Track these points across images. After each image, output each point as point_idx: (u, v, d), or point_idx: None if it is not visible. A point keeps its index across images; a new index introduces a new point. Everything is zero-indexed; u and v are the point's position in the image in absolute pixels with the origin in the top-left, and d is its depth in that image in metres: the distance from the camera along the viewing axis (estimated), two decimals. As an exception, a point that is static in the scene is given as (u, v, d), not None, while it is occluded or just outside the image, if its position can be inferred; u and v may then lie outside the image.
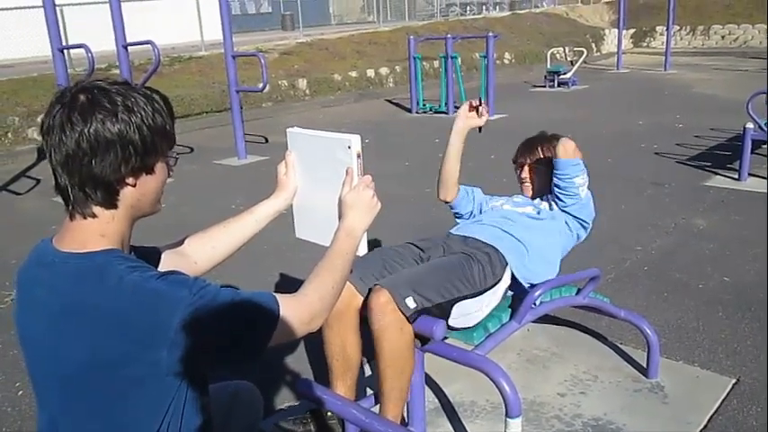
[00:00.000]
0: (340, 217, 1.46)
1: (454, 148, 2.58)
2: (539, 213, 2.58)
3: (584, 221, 2.58)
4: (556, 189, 2.52)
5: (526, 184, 2.73)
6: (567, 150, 2.47)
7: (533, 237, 2.44)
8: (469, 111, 2.52)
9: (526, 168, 2.72)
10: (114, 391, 1.17)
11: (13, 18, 12.04)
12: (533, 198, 2.72)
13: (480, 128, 2.55)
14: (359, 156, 1.47)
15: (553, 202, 2.60)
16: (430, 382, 2.62)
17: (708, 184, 5.62)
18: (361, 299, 2.13)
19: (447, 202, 2.73)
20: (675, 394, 2.56)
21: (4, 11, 11.99)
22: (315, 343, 2.20)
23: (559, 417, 2.45)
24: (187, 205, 5.41)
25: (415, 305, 1.97)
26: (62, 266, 1.19)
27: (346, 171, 1.48)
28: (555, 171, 2.50)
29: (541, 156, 2.67)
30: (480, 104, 2.49)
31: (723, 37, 20.86)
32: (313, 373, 2.79)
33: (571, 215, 2.55)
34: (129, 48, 6.26)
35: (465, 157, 2.62)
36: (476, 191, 2.77)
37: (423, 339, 2.05)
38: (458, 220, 2.74)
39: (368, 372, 2.75)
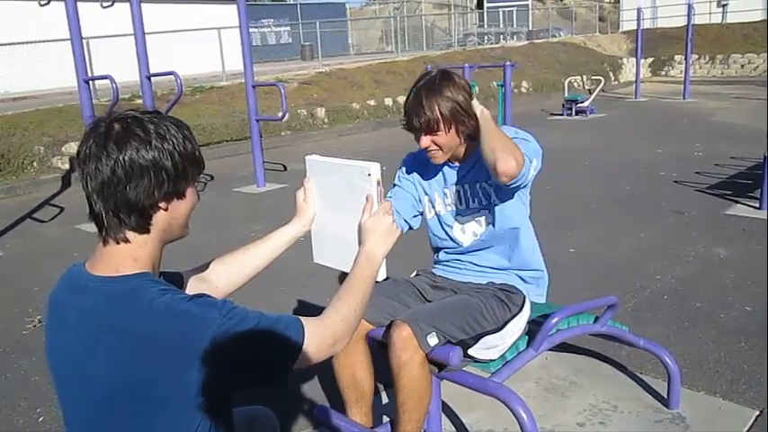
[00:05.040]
0: (359, 243, 1.49)
1: None
2: (493, 214, 2.19)
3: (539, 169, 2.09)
4: (507, 189, 2.06)
5: (433, 153, 2.11)
6: (510, 173, 1.88)
7: (516, 256, 2.27)
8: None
9: (425, 138, 2.08)
10: (143, 413, 1.19)
11: (39, 51, 12.37)
12: (461, 168, 2.23)
13: None
14: (379, 183, 1.50)
15: (494, 190, 2.17)
16: (447, 409, 2.60)
17: (728, 213, 5.56)
18: (368, 326, 2.13)
19: None
20: (697, 425, 2.51)
21: (32, 44, 12.33)
22: (332, 369, 2.21)
23: (578, 447, 2.42)
24: (206, 232, 5.47)
25: (436, 342, 1.98)
26: (95, 290, 1.22)
27: (366, 198, 1.50)
28: (504, 185, 1.98)
29: (437, 115, 2.02)
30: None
31: (743, 66, 20.85)
32: (329, 401, 2.79)
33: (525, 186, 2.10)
34: (152, 78, 6.40)
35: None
36: (398, 208, 2.27)
37: (439, 366, 2.05)
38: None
39: (384, 399, 2.74)
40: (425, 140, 2.08)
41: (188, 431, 1.21)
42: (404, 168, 2.39)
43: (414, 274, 2.46)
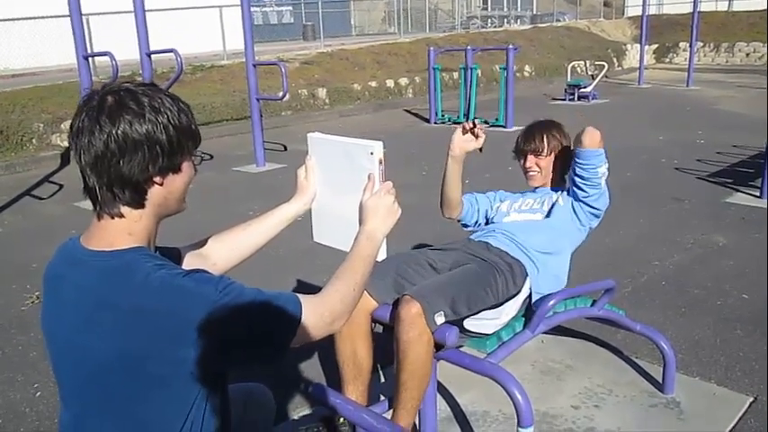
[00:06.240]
0: (360, 222, 1.47)
1: (452, 173, 2.49)
2: (548, 217, 2.51)
3: (599, 210, 2.53)
4: (578, 180, 2.45)
5: (532, 173, 2.64)
6: (593, 140, 2.39)
7: (545, 256, 2.41)
8: (463, 134, 2.41)
9: (531, 158, 2.62)
10: (139, 389, 1.18)
11: (40, 27, 12.27)
12: (541, 189, 2.65)
13: (480, 148, 2.43)
14: (381, 162, 1.49)
15: (563, 197, 2.54)
16: (443, 390, 2.62)
17: (729, 201, 5.56)
18: (372, 304, 2.14)
19: (452, 218, 2.69)
20: (691, 411, 2.53)
21: (31, 20, 12.23)
22: (328, 348, 2.22)
23: (573, 430, 2.43)
24: (205, 211, 5.46)
25: (443, 320, 1.99)
26: (90, 264, 1.21)
27: (368, 177, 1.49)
28: (578, 161, 2.42)
29: (545, 144, 2.59)
30: (475, 126, 2.38)
31: (748, 54, 20.66)
32: (326, 379, 2.80)
33: (588, 205, 2.49)
34: (152, 56, 6.35)
35: (481, 169, 2.62)
36: (479, 199, 2.72)
37: (436, 346, 2.05)
38: (465, 229, 2.73)
39: (381, 378, 2.75)
40: (530, 161, 2.61)
41: (183, 407, 1.21)
42: (500, 190, 2.82)
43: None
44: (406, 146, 8.65)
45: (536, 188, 2.67)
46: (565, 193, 2.56)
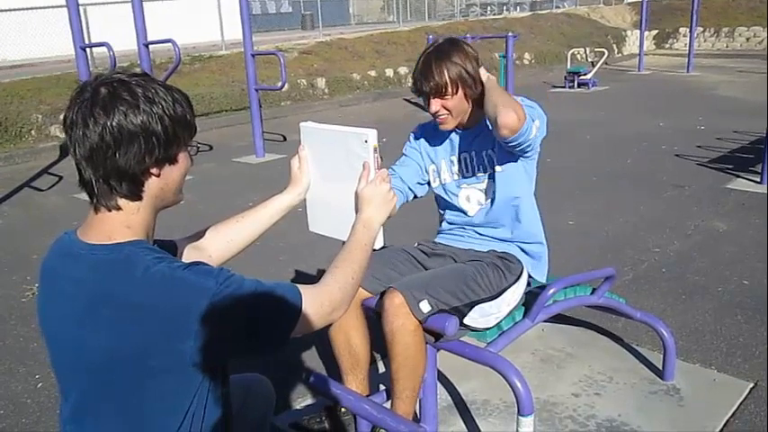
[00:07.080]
0: (356, 210, 1.47)
1: None
2: (498, 192, 2.22)
3: (542, 136, 2.13)
4: (513, 150, 2.08)
5: (442, 117, 2.15)
6: (511, 125, 1.90)
7: (517, 227, 2.28)
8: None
9: (436, 101, 2.11)
10: (139, 382, 1.17)
11: (37, 18, 12.21)
12: (463, 129, 2.25)
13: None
14: (375, 150, 1.47)
15: (500, 156, 2.19)
16: (443, 379, 2.62)
17: (729, 187, 5.55)
18: (364, 294, 2.14)
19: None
20: (692, 397, 2.53)
21: (29, 10, 12.17)
22: (328, 339, 2.21)
23: (573, 417, 2.44)
24: (204, 202, 5.46)
25: (429, 309, 1.97)
26: (88, 258, 1.20)
27: (362, 165, 1.48)
28: (508, 144, 2.01)
29: (446, 78, 2.06)
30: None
31: (748, 39, 20.56)
32: (327, 370, 2.81)
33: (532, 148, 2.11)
34: (150, 46, 6.32)
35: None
36: (403, 175, 2.33)
37: (436, 336, 2.05)
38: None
39: (381, 368, 2.76)
40: (435, 104, 2.12)
41: (184, 399, 1.21)
42: (412, 138, 2.43)
43: (415, 245, 2.45)
44: (405, 135, 8.60)
45: (457, 129, 2.26)
46: (498, 146, 2.16)
